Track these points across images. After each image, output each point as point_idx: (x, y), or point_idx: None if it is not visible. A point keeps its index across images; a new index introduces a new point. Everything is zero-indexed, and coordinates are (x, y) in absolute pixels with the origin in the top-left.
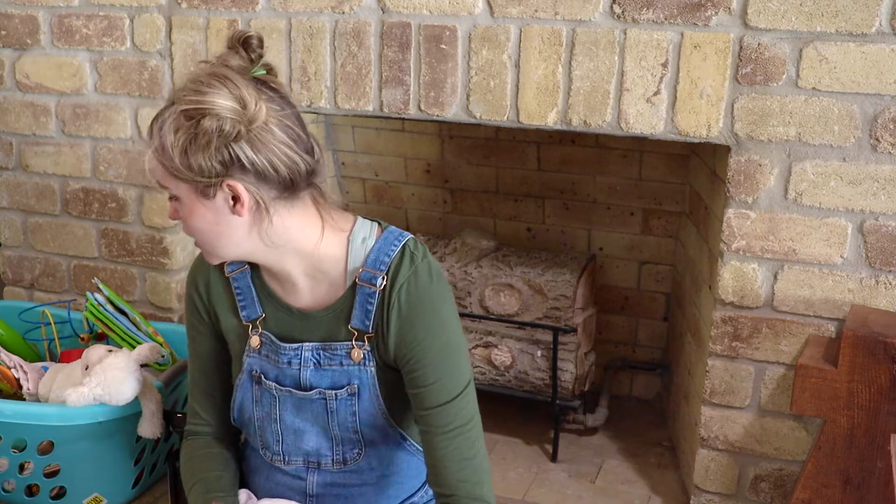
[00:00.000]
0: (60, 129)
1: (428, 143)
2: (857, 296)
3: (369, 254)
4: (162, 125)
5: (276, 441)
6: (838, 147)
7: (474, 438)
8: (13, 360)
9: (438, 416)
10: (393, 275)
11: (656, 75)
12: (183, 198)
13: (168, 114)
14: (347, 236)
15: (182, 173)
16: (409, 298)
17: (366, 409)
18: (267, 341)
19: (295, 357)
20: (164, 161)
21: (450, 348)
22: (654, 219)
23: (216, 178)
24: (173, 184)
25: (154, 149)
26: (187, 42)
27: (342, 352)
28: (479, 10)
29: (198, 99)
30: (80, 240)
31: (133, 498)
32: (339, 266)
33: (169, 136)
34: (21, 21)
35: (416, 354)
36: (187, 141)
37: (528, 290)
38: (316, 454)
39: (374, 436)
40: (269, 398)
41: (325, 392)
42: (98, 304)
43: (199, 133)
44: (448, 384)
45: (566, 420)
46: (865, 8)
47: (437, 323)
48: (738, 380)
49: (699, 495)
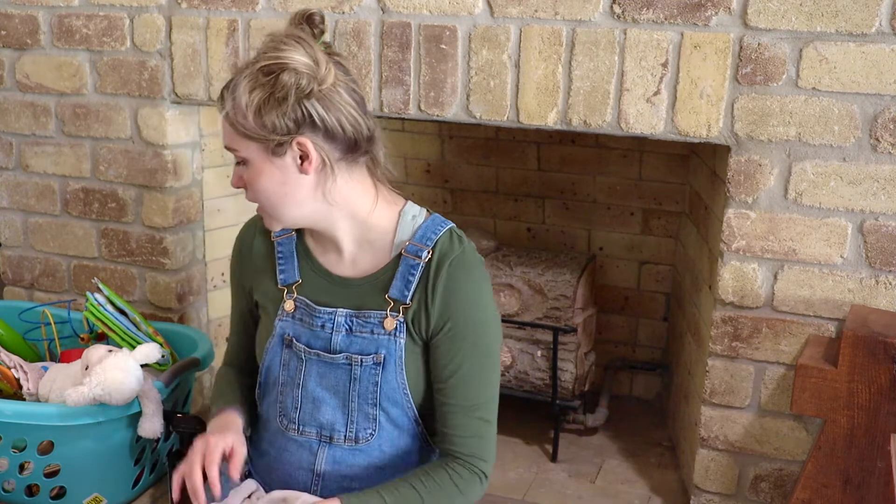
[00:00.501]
0: (60, 129)
1: (428, 143)
2: (857, 296)
3: (417, 230)
4: (235, 87)
5: (295, 408)
6: (838, 147)
7: (490, 418)
8: (13, 360)
9: (461, 390)
10: (440, 250)
11: (656, 75)
12: (252, 159)
13: (242, 76)
14: (399, 210)
15: (255, 132)
16: (458, 272)
17: (388, 381)
18: (301, 305)
19: (329, 321)
20: (238, 121)
21: (486, 326)
22: (654, 219)
23: (288, 136)
24: (244, 145)
25: (227, 112)
26: (187, 42)
27: (375, 320)
28: (479, 10)
29: (276, 55)
30: (80, 240)
31: (133, 498)
32: (387, 237)
33: (244, 97)
34: (21, 21)
35: (454, 326)
36: (263, 98)
37: (528, 290)
38: (330, 427)
39: (390, 413)
40: (297, 362)
41: (352, 357)
42: (98, 304)
43: (277, 87)
44: (477, 361)
45: (566, 420)
46: (865, 8)
47: (479, 300)
48: (738, 380)
49: (699, 495)
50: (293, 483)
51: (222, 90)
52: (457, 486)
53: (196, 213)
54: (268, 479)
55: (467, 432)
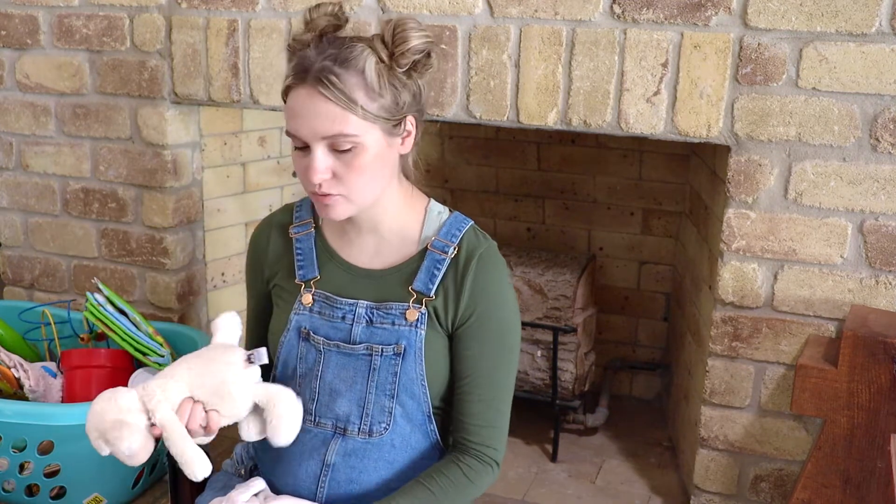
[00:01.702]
0: (60, 129)
1: (428, 143)
2: (857, 296)
3: (443, 226)
4: (354, 65)
5: (312, 399)
6: (838, 147)
7: (505, 410)
8: (13, 360)
9: (482, 380)
10: (468, 246)
11: (656, 75)
12: (367, 143)
13: (360, 53)
14: (425, 206)
15: (385, 112)
16: (487, 265)
17: (407, 371)
18: (320, 298)
19: (349, 312)
20: (360, 102)
21: (509, 321)
22: (654, 219)
23: (406, 112)
24: (362, 128)
25: (344, 98)
26: (187, 42)
27: (397, 311)
28: (479, 10)
29: (399, 31)
30: (80, 240)
31: (133, 498)
32: (414, 230)
33: (373, 75)
34: (21, 21)
35: (480, 317)
36: (391, 75)
37: (528, 290)
38: (345, 419)
39: (406, 406)
40: (315, 354)
41: (373, 347)
42: (98, 304)
43: (401, 63)
44: (499, 354)
45: (566, 420)
46: (865, 8)
47: (505, 294)
48: (738, 380)
49: (699, 495)
50: (300, 473)
51: (319, 72)
52: (468, 478)
53: (196, 213)
54: (276, 470)
55: (482, 421)
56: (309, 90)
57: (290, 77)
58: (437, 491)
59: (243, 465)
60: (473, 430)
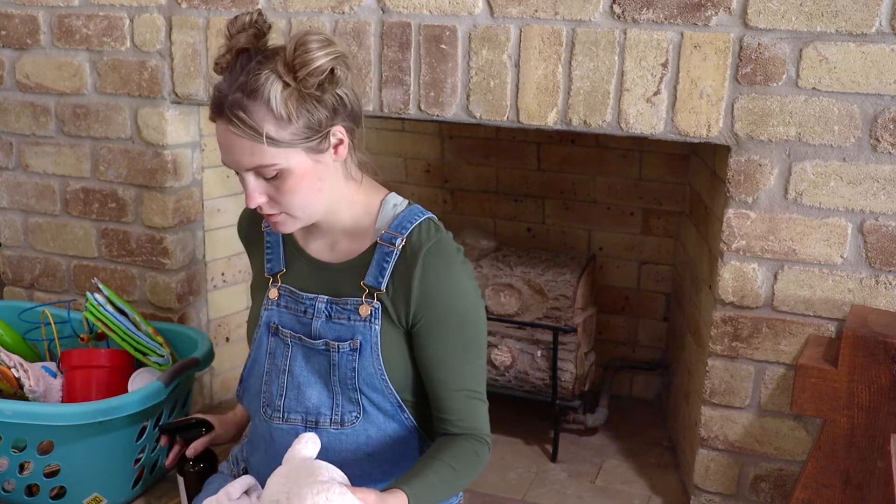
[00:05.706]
0: (60, 129)
1: (428, 143)
2: (857, 296)
3: (395, 218)
4: (259, 95)
5: (280, 395)
6: (838, 147)
7: (480, 392)
8: (13, 360)
9: (449, 375)
10: (414, 239)
11: (656, 75)
12: (292, 167)
13: (266, 81)
14: (381, 199)
15: (298, 138)
16: (434, 262)
17: (365, 367)
18: (285, 293)
19: (310, 307)
20: (271, 134)
21: (467, 312)
22: (654, 219)
23: (328, 128)
24: (281, 157)
25: (248, 127)
26: (187, 42)
27: (351, 307)
28: (479, 10)
29: (299, 52)
30: (80, 240)
31: (133, 498)
32: (369, 223)
33: (278, 104)
34: (21, 21)
35: (435, 315)
36: (300, 98)
37: (528, 290)
38: (315, 411)
39: (372, 398)
40: (283, 349)
41: (330, 343)
42: (98, 304)
43: (309, 82)
44: (462, 346)
45: (566, 420)
46: (865, 8)
47: (458, 288)
48: (738, 380)
49: (699, 495)
50: None
51: (238, 112)
52: (477, 455)
53: (196, 213)
54: (262, 469)
55: (462, 414)
56: (224, 125)
57: (210, 109)
58: (454, 463)
59: (238, 466)
60: (456, 423)
